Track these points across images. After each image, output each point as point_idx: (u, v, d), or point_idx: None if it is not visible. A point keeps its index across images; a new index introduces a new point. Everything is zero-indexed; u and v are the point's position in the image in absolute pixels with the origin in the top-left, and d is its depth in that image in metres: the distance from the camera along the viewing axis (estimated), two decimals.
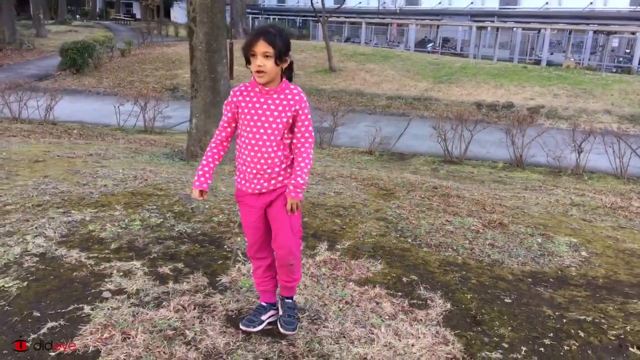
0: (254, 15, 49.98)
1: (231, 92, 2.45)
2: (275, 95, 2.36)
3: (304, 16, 44.83)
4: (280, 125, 2.35)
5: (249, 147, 2.39)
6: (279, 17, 49.69)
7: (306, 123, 2.39)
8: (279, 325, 2.55)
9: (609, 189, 7.56)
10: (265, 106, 2.36)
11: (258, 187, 2.43)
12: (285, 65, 2.33)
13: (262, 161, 2.38)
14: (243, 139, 2.42)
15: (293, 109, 2.35)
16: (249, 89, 2.40)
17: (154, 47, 25.80)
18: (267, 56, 2.25)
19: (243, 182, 2.47)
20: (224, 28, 7.18)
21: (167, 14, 51.25)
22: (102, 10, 57.33)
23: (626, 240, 4.66)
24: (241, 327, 2.55)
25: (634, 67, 22.52)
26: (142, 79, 19.24)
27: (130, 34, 30.73)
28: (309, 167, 2.40)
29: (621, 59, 25.61)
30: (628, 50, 26.22)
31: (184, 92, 17.09)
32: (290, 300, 2.61)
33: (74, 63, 19.23)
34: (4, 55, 23.42)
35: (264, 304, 2.63)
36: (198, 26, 6.90)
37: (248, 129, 2.39)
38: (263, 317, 2.58)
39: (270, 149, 2.37)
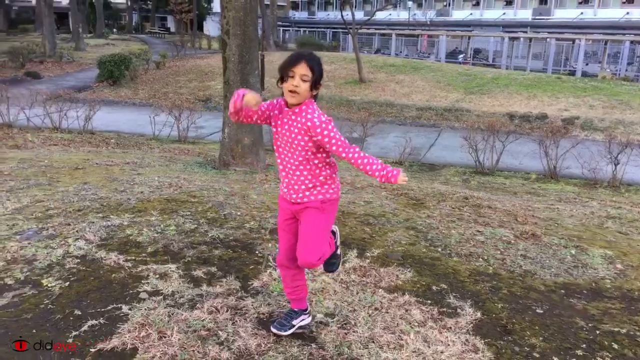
0: (284, 28, 50.66)
1: (275, 100, 2.50)
2: (293, 117, 2.39)
3: (334, 28, 45.19)
4: (298, 147, 2.39)
5: (278, 159, 2.52)
6: (309, 29, 50.24)
7: (332, 141, 2.33)
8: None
9: None
10: (286, 126, 2.41)
11: (288, 195, 2.52)
12: (316, 93, 2.39)
13: (290, 176, 2.47)
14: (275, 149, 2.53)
15: (308, 133, 2.35)
16: (282, 105, 2.45)
17: (188, 60, 26.41)
18: (304, 80, 2.30)
19: (282, 185, 2.57)
20: (256, 40, 7.34)
21: (200, 27, 52.41)
22: (138, 24, 59.06)
23: None
24: (272, 330, 2.61)
25: None
26: (176, 90, 19.71)
27: (164, 47, 31.54)
28: (370, 160, 2.36)
29: None
30: None
31: (216, 103, 17.42)
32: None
33: (111, 75, 19.86)
34: (45, 67, 24.34)
35: (295, 309, 2.68)
36: (231, 38, 7.08)
37: (277, 143, 2.50)
38: (294, 322, 2.64)
39: (293, 167, 2.44)
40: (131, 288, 3.00)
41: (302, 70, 2.29)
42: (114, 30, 52.92)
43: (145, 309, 2.76)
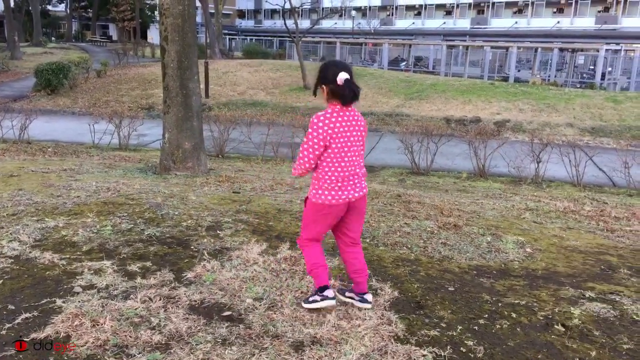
0: (231, 36, 50.51)
1: None
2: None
3: (280, 36, 45.47)
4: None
5: None
6: (256, 37, 50.32)
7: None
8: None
9: (564, 195, 7.98)
10: None
11: None
12: (324, 94, 2.81)
13: None
14: None
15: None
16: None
17: (130, 68, 25.96)
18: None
19: None
20: (195, 47, 7.47)
21: (144, 36, 51.47)
22: (78, 32, 57.30)
23: (570, 238, 5.01)
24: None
25: (597, 83, 23.46)
26: (118, 98, 19.37)
27: (106, 55, 30.84)
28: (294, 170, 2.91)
29: (585, 75, 26.63)
30: (592, 67, 27.29)
31: (159, 111, 17.24)
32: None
33: (49, 84, 19.28)
34: None
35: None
36: (170, 44, 7.18)
37: None
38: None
39: None
40: (65, 283, 3.10)
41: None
42: (53, 38, 51.14)
43: (79, 302, 2.88)
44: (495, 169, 9.90)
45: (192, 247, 3.83)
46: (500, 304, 3.21)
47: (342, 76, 2.71)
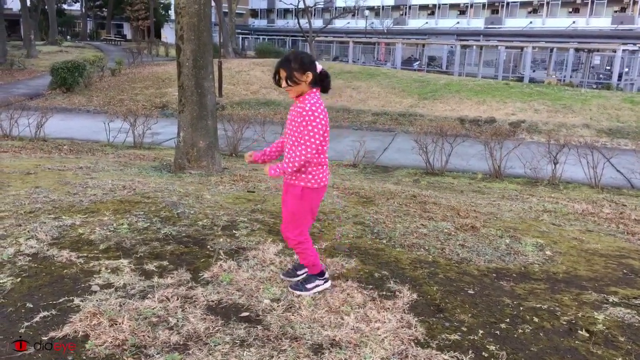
0: (244, 36, 50.66)
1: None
2: (297, 105, 2.95)
3: (293, 36, 45.54)
4: (297, 133, 2.87)
5: (286, 143, 3.01)
6: (268, 37, 50.44)
7: (301, 128, 2.84)
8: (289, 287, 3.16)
9: (582, 197, 7.86)
10: (291, 116, 2.98)
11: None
12: (305, 82, 2.87)
13: (285, 155, 2.96)
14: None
15: (301, 115, 2.84)
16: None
17: (144, 67, 26.13)
18: (285, 79, 2.88)
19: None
20: (210, 45, 7.47)
21: (158, 35, 51.79)
22: (93, 31, 57.86)
23: (591, 241, 4.92)
24: (280, 276, 3.29)
25: (614, 83, 23.15)
26: (132, 97, 19.50)
27: (120, 54, 31.07)
28: (290, 163, 2.86)
29: (601, 75, 26.31)
30: (609, 67, 26.96)
31: (173, 110, 17.34)
32: (308, 275, 3.16)
33: (65, 82, 19.47)
34: None
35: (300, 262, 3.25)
36: (185, 44, 7.18)
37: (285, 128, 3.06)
38: (297, 272, 3.27)
39: (287, 147, 2.95)
40: (83, 282, 3.10)
41: (281, 73, 2.91)
42: (68, 37, 51.66)
43: (97, 300, 2.87)
44: (511, 170, 9.79)
45: (209, 247, 3.81)
46: (521, 308, 3.15)
47: (318, 65, 2.93)
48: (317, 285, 3.11)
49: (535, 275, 3.80)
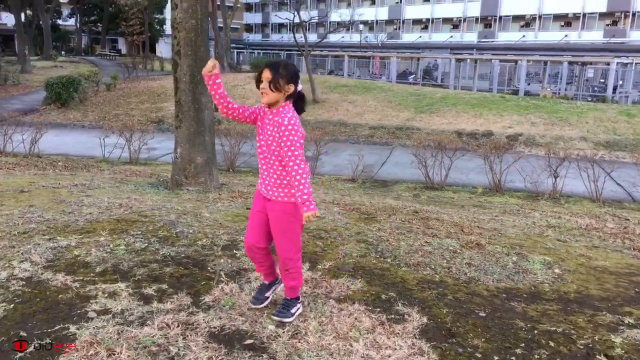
0: (238, 50, 50.81)
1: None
2: (270, 116, 2.82)
3: (288, 50, 45.74)
4: (273, 144, 2.77)
5: (260, 156, 2.90)
6: (263, 51, 50.62)
7: (289, 144, 2.71)
8: (272, 315, 2.96)
9: (584, 211, 7.78)
10: (268, 126, 2.82)
11: (263, 190, 2.91)
12: (285, 93, 2.77)
13: (263, 170, 2.88)
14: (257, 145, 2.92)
15: (279, 130, 2.72)
16: (258, 109, 2.93)
17: (140, 81, 26.08)
18: (269, 82, 2.74)
19: (259, 180, 2.96)
20: (207, 60, 7.38)
21: (153, 49, 51.84)
22: (88, 46, 57.85)
23: (598, 258, 4.82)
24: (251, 305, 3.06)
25: (609, 96, 23.27)
26: (128, 112, 19.40)
27: (115, 69, 31.03)
28: (300, 181, 2.69)
29: (596, 88, 26.46)
30: (602, 80, 27.13)
31: (169, 125, 17.24)
32: (287, 298, 3.03)
33: (59, 97, 19.36)
34: None
35: (265, 282, 3.12)
36: (182, 59, 7.10)
37: (260, 141, 2.90)
38: (267, 294, 3.10)
39: (264, 161, 2.86)
40: (79, 308, 2.96)
41: (266, 74, 2.75)
42: (63, 52, 51.63)
43: (94, 328, 2.73)
44: (511, 184, 9.72)
45: (209, 268, 3.68)
46: (536, 332, 3.03)
47: (300, 85, 2.85)
48: (298, 309, 3.02)
49: (546, 295, 3.69)
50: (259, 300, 3.08)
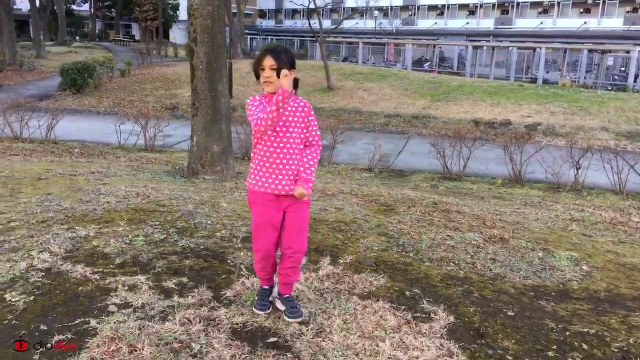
0: (252, 36, 50.55)
1: (248, 101, 2.70)
2: (291, 103, 2.68)
3: (301, 36, 45.36)
4: (297, 129, 2.67)
5: (274, 149, 2.64)
6: (276, 37, 50.29)
7: (314, 125, 2.75)
8: (287, 318, 2.80)
9: (608, 204, 7.60)
10: (288, 113, 2.66)
11: (279, 187, 2.65)
12: (292, 78, 2.55)
13: (279, 165, 2.64)
14: (264, 143, 2.66)
15: (305, 113, 2.69)
16: (269, 97, 2.64)
17: (154, 67, 26.04)
18: (273, 69, 2.58)
19: (268, 180, 2.67)
20: (224, 48, 7.29)
21: (166, 35, 51.79)
22: (102, 31, 57.99)
23: (626, 254, 4.69)
24: (258, 312, 2.87)
25: (630, 85, 22.76)
26: (142, 98, 19.39)
27: (129, 55, 31.02)
28: (315, 162, 2.74)
29: (616, 77, 25.90)
30: (623, 68, 26.53)
31: (183, 111, 17.21)
32: (289, 295, 2.89)
33: (74, 83, 19.40)
34: (4, 76, 23.61)
35: (266, 287, 2.93)
36: (199, 46, 7.00)
37: (273, 131, 2.64)
38: (270, 299, 2.94)
39: (282, 154, 2.65)
40: (99, 301, 2.91)
41: (268, 62, 2.58)
42: (77, 37, 51.79)
43: (115, 322, 2.68)
44: (531, 175, 9.52)
45: (229, 261, 3.62)
46: (567, 333, 2.93)
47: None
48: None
49: (575, 293, 3.57)
50: (266, 307, 2.90)
